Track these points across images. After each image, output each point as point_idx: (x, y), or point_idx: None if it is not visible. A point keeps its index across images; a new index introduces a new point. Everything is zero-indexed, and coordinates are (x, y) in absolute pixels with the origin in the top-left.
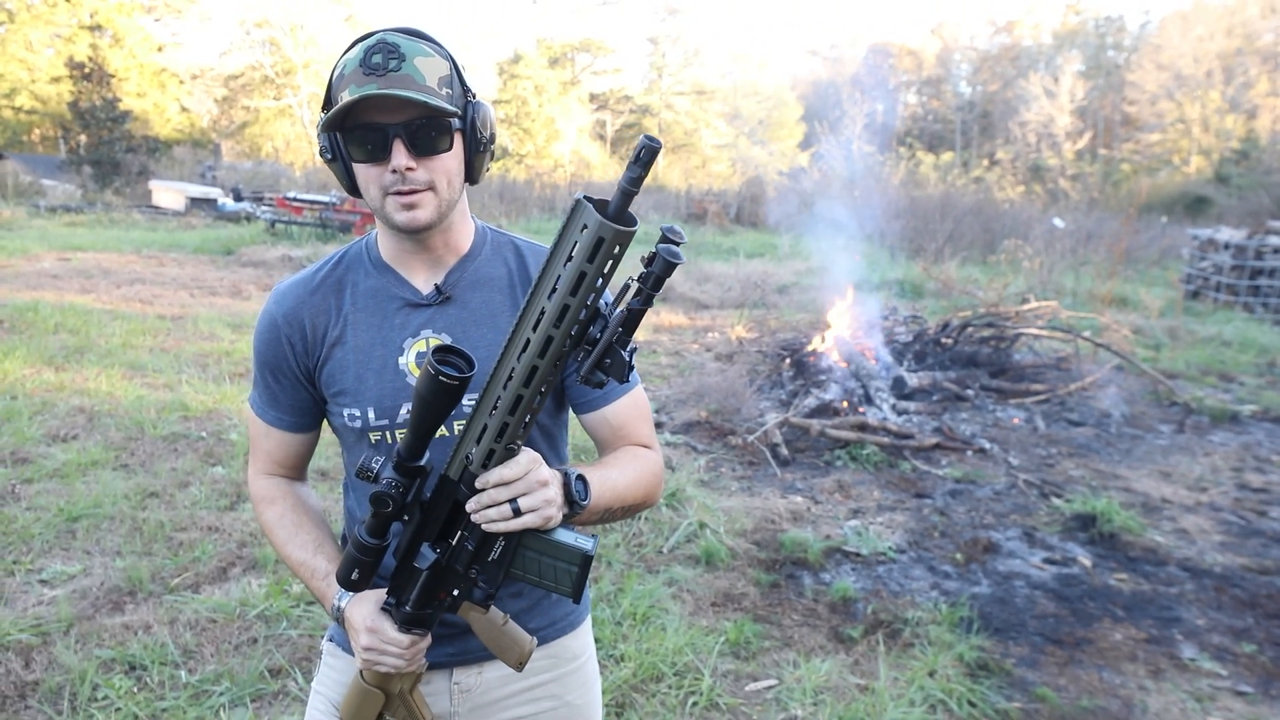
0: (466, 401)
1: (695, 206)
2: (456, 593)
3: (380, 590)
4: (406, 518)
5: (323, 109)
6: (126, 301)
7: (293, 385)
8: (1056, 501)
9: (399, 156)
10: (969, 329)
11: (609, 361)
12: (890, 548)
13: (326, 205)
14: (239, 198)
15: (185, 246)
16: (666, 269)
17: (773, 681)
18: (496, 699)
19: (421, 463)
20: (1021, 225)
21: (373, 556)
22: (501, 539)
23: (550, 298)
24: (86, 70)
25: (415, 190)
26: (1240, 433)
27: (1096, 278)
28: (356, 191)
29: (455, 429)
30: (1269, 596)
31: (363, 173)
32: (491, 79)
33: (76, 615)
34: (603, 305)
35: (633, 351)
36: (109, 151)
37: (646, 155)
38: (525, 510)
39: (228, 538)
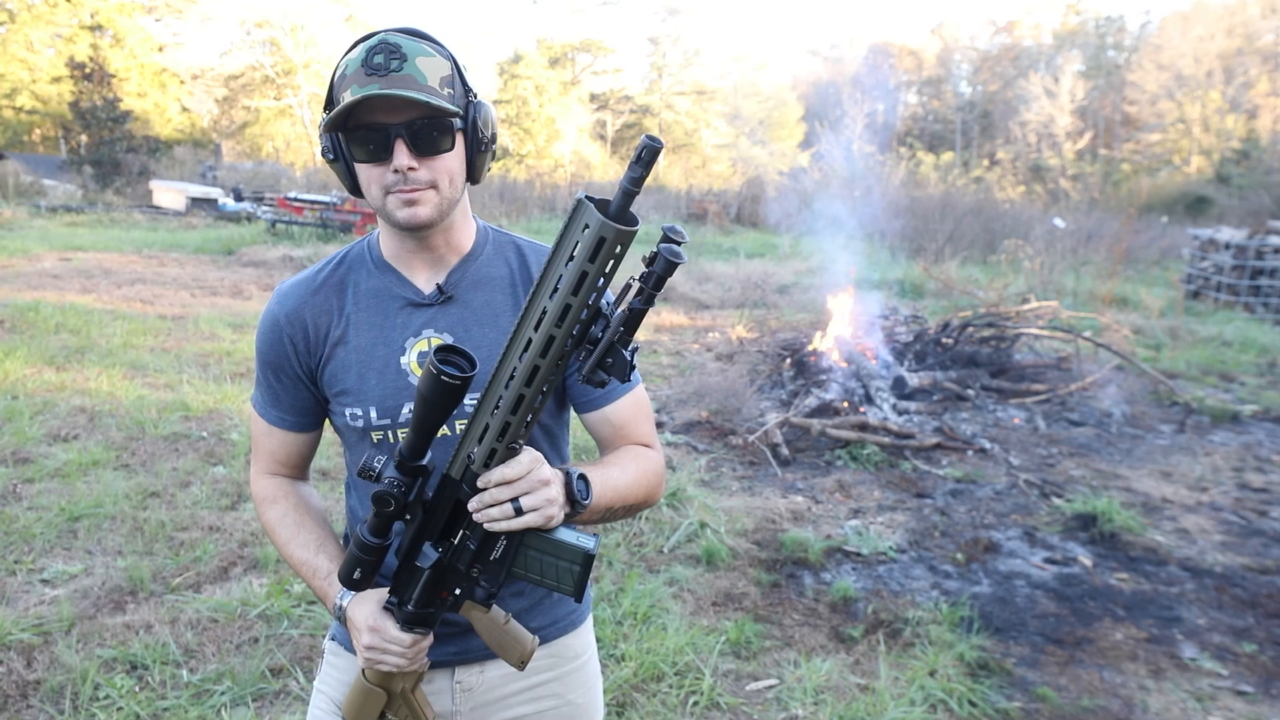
0: (468, 401)
1: (695, 206)
2: (459, 591)
3: (382, 589)
4: (408, 517)
5: (325, 109)
6: (127, 301)
7: (295, 385)
8: (1057, 501)
9: (401, 156)
10: (969, 329)
11: (610, 361)
12: (891, 547)
13: (327, 205)
14: (239, 198)
15: (186, 246)
16: (668, 268)
17: (773, 681)
18: (498, 698)
19: (423, 462)
20: (1022, 225)
21: (375, 556)
22: (503, 538)
23: (552, 297)
24: (87, 70)
25: (417, 189)
26: (1241, 433)
27: (1097, 278)
28: (359, 192)
29: (457, 428)
30: (1269, 596)
31: (365, 173)
32: (492, 79)
33: (78, 615)
34: (604, 305)
35: (634, 351)
36: (110, 151)
37: (648, 155)
38: (527, 509)
39: (229, 537)
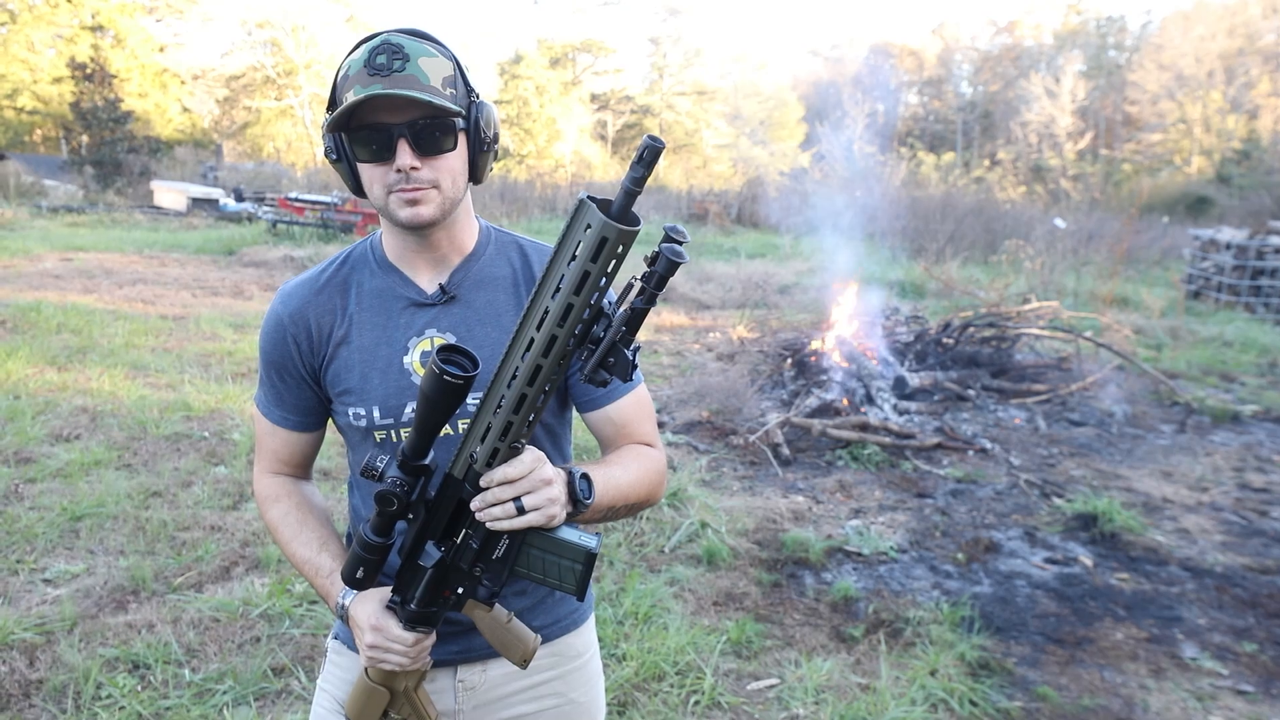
0: (471, 400)
1: (696, 207)
2: (461, 590)
3: (385, 588)
4: (411, 516)
5: (328, 110)
6: (129, 302)
7: (298, 385)
8: (1058, 501)
9: (403, 156)
10: (970, 329)
11: (613, 360)
12: (892, 547)
13: (328, 206)
14: (240, 198)
15: (187, 247)
16: (670, 268)
17: (774, 680)
18: (500, 696)
19: (426, 461)
20: (1023, 225)
21: (378, 555)
22: (506, 537)
23: (554, 297)
24: (88, 71)
25: (419, 188)
26: (1241, 433)
27: (1098, 278)
28: (362, 192)
29: (460, 428)
30: (1270, 596)
31: (368, 172)
32: (492, 79)
33: (80, 614)
34: (606, 304)
35: (636, 350)
36: (111, 152)
37: (649, 155)
38: (529, 509)
39: (230, 537)
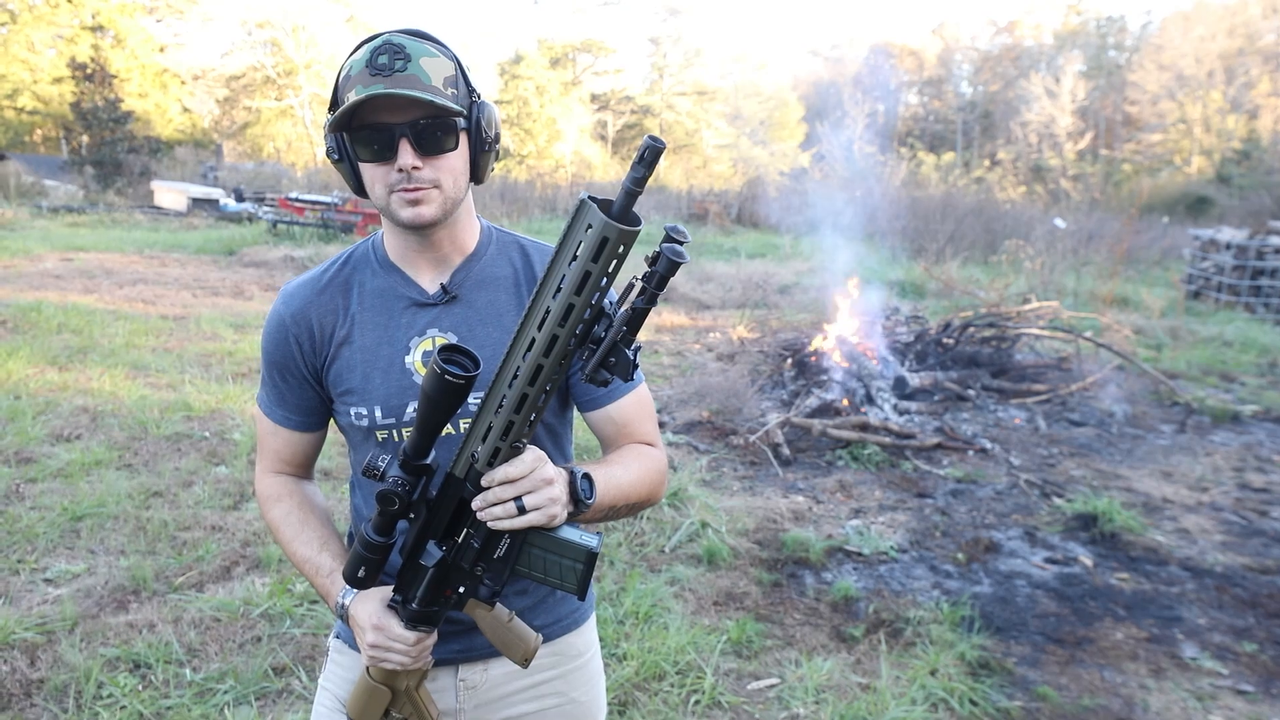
0: (472, 400)
1: (696, 207)
2: (463, 590)
3: (385, 588)
4: (413, 515)
5: (330, 110)
6: (129, 302)
7: (300, 385)
8: (1058, 501)
9: (405, 155)
10: (970, 329)
11: (614, 360)
12: (892, 547)
13: (328, 206)
14: (241, 198)
15: (187, 247)
16: (671, 268)
17: (775, 680)
18: (502, 695)
19: (427, 461)
20: (1023, 225)
21: (379, 554)
22: (507, 536)
23: (555, 297)
24: (88, 71)
25: (421, 187)
26: (1241, 433)
27: (1098, 278)
28: (364, 192)
29: (461, 427)
30: (1270, 596)
31: (369, 172)
32: (493, 79)
33: (81, 614)
34: (607, 304)
35: (637, 350)
36: (111, 152)
37: (650, 155)
38: (530, 508)
39: (231, 537)
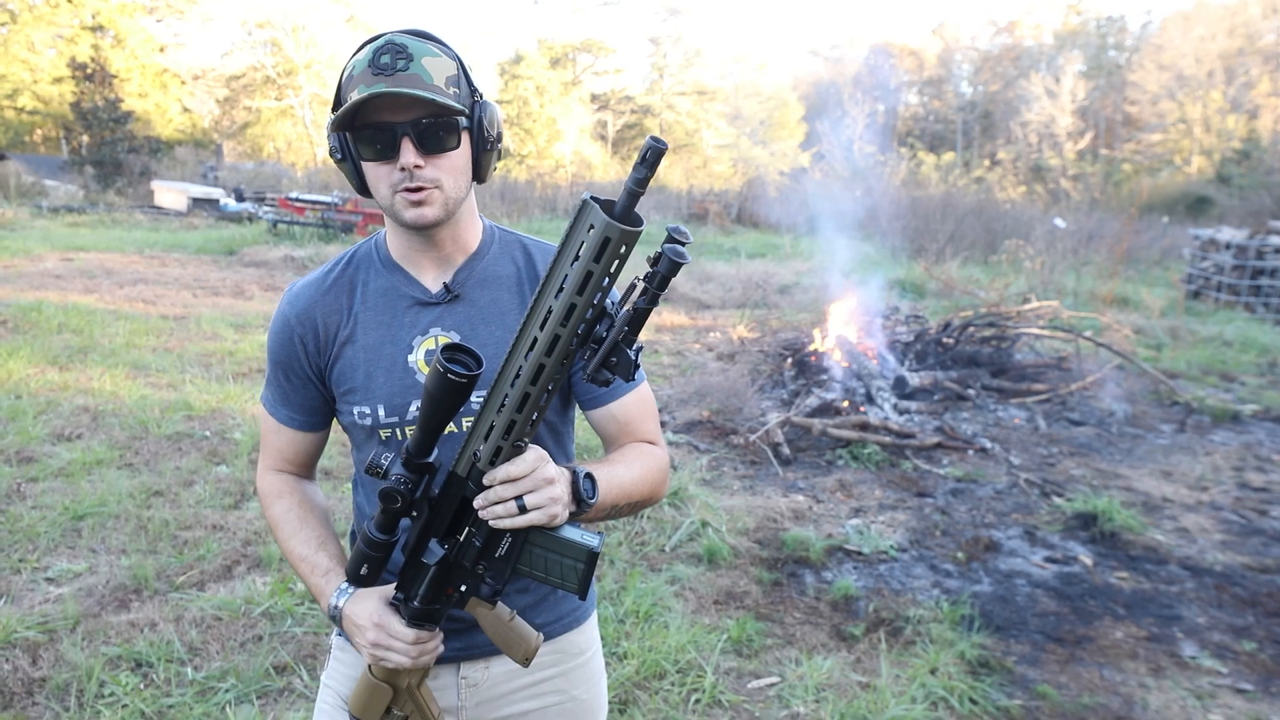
0: (475, 399)
1: (697, 207)
2: (464, 588)
3: (384, 587)
4: (415, 514)
5: (332, 110)
6: (129, 302)
7: (304, 384)
8: (1057, 500)
9: (407, 154)
10: (970, 329)
11: (615, 359)
12: (892, 546)
13: (329, 205)
14: (241, 198)
15: (187, 247)
16: (672, 269)
17: (775, 679)
18: (503, 693)
19: (430, 459)
20: (1023, 225)
21: (382, 552)
22: (508, 535)
23: (557, 296)
24: (89, 71)
25: (423, 188)
26: (1241, 432)
27: (1098, 278)
28: (366, 191)
29: (464, 426)
30: (1269, 595)
31: (372, 171)
32: (493, 79)
33: (83, 613)
34: (609, 304)
35: (639, 350)
36: (111, 152)
37: (652, 156)
38: (531, 507)
39: (232, 536)
